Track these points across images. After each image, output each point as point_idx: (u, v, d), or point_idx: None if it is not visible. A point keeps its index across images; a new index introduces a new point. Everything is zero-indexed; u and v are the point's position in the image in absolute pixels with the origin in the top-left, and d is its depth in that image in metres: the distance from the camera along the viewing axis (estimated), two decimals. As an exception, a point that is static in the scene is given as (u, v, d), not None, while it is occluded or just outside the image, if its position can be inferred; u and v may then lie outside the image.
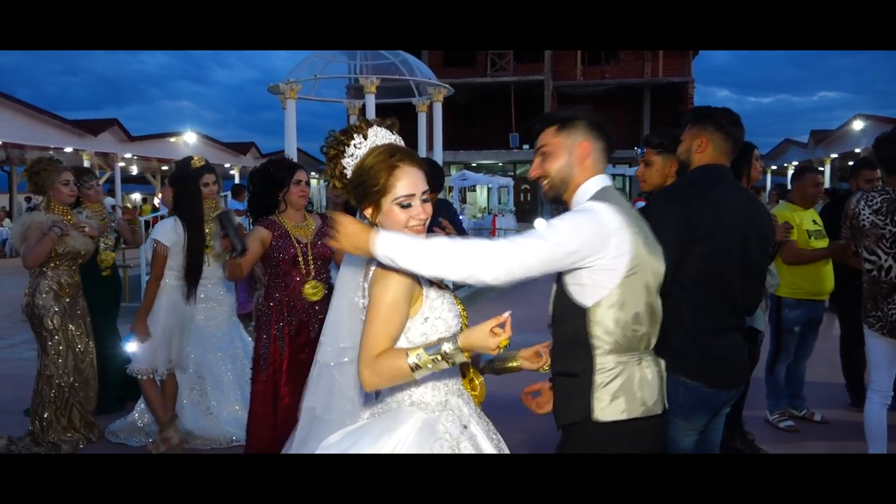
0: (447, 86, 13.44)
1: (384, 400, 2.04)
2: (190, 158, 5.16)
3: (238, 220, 5.40)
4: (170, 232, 4.39)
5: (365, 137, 2.00)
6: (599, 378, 1.98)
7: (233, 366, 5.01)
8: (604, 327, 1.97)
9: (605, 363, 1.99)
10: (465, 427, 2.01)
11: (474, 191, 32.32)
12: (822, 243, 4.84)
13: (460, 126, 34.25)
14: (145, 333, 4.34)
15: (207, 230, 4.82)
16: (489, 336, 1.79)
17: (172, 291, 4.46)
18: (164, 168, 27.63)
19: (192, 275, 4.45)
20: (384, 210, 1.97)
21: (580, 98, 35.60)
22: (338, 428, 2.07)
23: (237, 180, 28.19)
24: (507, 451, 2.09)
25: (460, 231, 3.84)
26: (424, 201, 1.99)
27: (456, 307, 2.04)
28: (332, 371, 2.12)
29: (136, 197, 35.81)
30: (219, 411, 4.88)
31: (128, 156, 25.80)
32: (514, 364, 2.27)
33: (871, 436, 3.74)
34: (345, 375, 2.11)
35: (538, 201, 34.28)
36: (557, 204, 2.18)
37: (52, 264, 4.49)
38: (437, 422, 1.96)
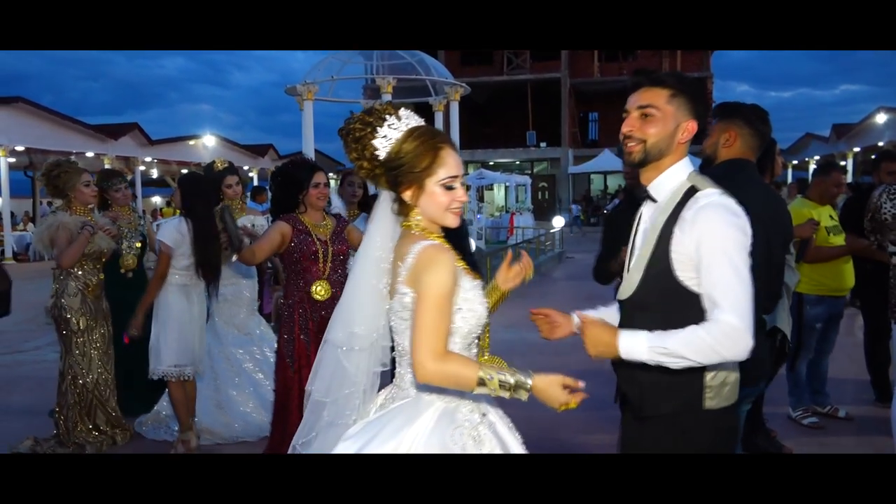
0: (464, 85, 13.46)
1: (401, 385, 2.02)
2: (213, 163, 5.24)
3: (260, 221, 5.45)
4: (173, 232, 4.44)
5: (398, 118, 1.99)
6: (712, 366, 1.97)
7: (250, 363, 5.07)
8: None
9: None
10: (484, 415, 2.00)
11: (491, 189, 32.34)
12: (840, 239, 4.80)
13: (477, 125, 34.22)
14: (139, 328, 4.43)
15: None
16: (562, 391, 1.84)
17: (178, 291, 4.49)
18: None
19: (205, 271, 4.45)
20: (427, 191, 1.96)
21: (598, 95, 35.45)
22: (337, 412, 2.07)
23: (256, 182, 28.36)
24: (521, 442, 2.08)
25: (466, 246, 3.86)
26: (462, 184, 2.00)
27: (485, 299, 2.02)
28: (339, 355, 2.07)
29: (157, 200, 36.16)
30: (230, 407, 4.93)
31: (148, 159, 26.08)
32: (500, 293, 2.25)
33: None
34: (352, 362, 2.06)
35: (555, 200, 34.21)
36: (635, 168, 2.10)
37: (79, 264, 4.56)
38: (457, 410, 1.96)
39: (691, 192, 1.98)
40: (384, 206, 2.06)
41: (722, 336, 1.83)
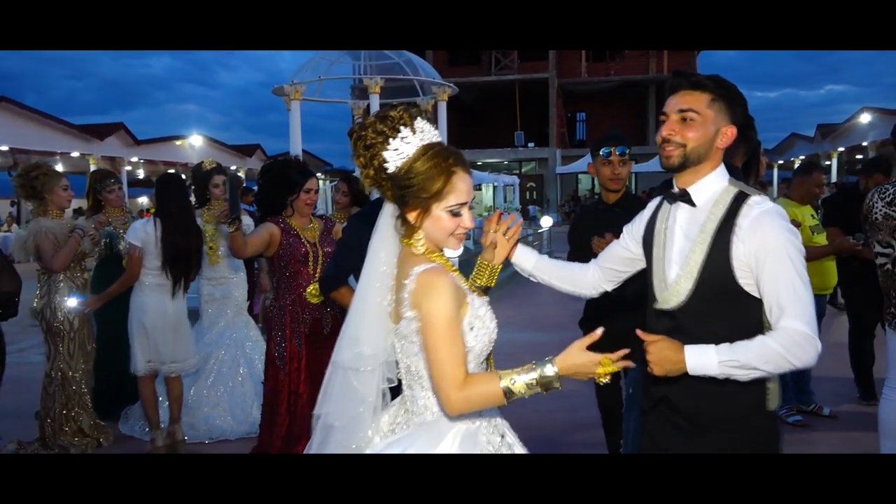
0: (452, 85, 13.45)
1: (413, 409, 1.96)
2: (201, 163, 5.25)
3: (247, 221, 5.43)
4: (139, 232, 4.45)
5: (413, 131, 1.86)
6: None
7: (228, 364, 5.07)
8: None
9: None
10: (503, 436, 1.97)
11: (480, 189, 32.33)
12: (822, 237, 4.88)
13: (465, 125, 34.23)
14: (87, 304, 4.51)
15: (212, 231, 4.90)
16: (589, 360, 1.78)
17: (151, 292, 4.48)
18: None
19: (173, 270, 4.45)
20: (433, 216, 1.87)
21: (585, 95, 35.55)
22: (349, 435, 1.98)
23: (244, 183, 28.22)
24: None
25: None
26: (470, 208, 1.92)
27: (494, 316, 1.97)
28: (349, 375, 1.96)
29: (144, 200, 35.87)
30: (197, 408, 4.93)
31: (134, 159, 25.92)
32: (490, 268, 2.18)
33: (885, 432, 3.66)
34: (364, 384, 1.96)
35: (543, 200, 34.27)
36: (674, 171, 2.06)
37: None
38: (478, 432, 1.91)
39: (740, 198, 1.98)
40: (387, 221, 1.96)
41: (793, 345, 1.85)
